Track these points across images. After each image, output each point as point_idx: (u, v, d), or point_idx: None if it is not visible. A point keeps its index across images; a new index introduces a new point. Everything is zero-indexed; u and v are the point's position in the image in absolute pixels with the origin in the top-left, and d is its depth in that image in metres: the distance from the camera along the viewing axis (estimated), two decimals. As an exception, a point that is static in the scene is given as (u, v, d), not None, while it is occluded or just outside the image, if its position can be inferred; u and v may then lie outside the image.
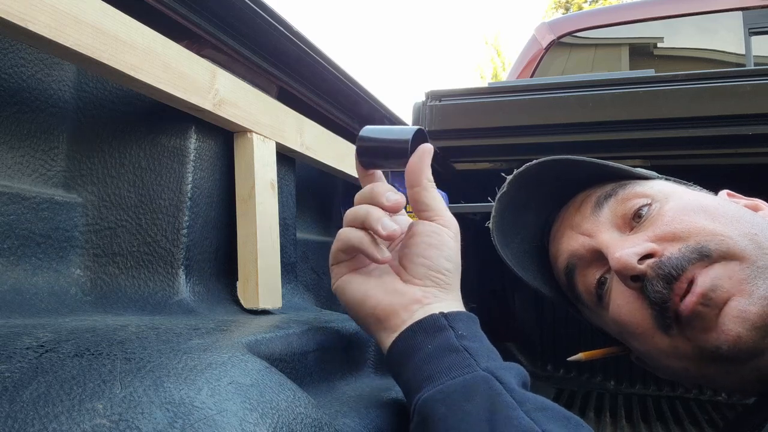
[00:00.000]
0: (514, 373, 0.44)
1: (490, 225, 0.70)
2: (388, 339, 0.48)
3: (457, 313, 0.48)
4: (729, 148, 1.03)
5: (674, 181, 0.67)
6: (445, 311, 0.47)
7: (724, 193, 0.66)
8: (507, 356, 1.41)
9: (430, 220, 0.51)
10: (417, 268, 0.49)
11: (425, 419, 0.42)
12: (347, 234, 0.50)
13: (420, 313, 0.47)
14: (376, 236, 0.48)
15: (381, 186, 0.50)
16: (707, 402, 1.14)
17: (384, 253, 0.48)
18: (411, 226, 0.51)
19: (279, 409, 0.32)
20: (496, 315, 1.45)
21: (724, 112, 0.99)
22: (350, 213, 0.50)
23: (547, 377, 1.33)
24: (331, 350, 0.53)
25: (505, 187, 0.70)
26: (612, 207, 0.64)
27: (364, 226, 0.49)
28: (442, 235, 0.50)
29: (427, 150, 0.50)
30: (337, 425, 0.41)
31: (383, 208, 0.48)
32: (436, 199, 0.51)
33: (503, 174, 0.72)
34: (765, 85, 0.97)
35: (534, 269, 0.73)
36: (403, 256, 0.51)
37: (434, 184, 0.51)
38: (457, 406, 0.40)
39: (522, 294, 1.44)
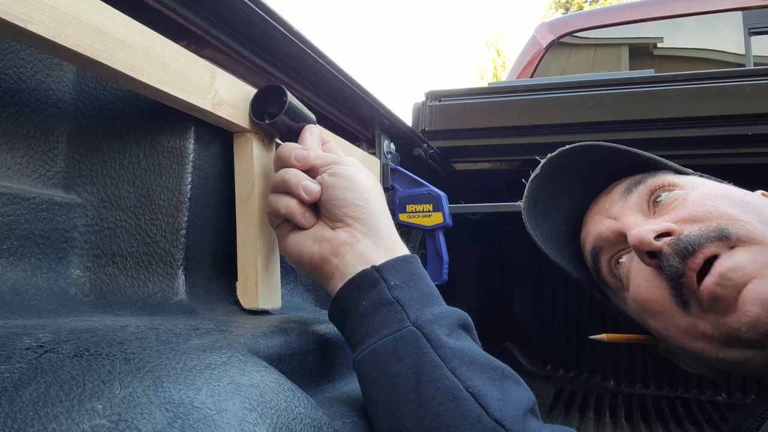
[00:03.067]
0: (445, 322, 0.45)
1: (522, 204, 0.72)
2: (330, 288, 0.50)
3: (390, 262, 0.48)
4: (729, 148, 1.03)
5: (709, 177, 0.68)
6: (378, 263, 0.47)
7: (759, 192, 0.67)
8: (507, 356, 1.41)
9: (321, 174, 0.52)
10: (332, 212, 0.50)
11: (361, 379, 0.45)
12: (275, 202, 0.52)
13: (350, 256, 0.48)
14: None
15: (288, 146, 0.53)
16: (707, 402, 1.14)
17: (309, 219, 0.51)
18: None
19: (278, 409, 0.32)
20: (496, 315, 1.44)
21: (724, 112, 0.99)
22: (274, 180, 0.53)
23: (547, 377, 1.33)
24: (331, 350, 0.53)
25: (539, 170, 0.72)
26: (640, 193, 0.66)
27: (289, 193, 0.51)
28: (336, 174, 0.51)
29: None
30: (337, 425, 0.42)
31: (297, 167, 0.52)
32: (332, 152, 0.54)
33: (538, 158, 0.72)
34: (765, 85, 0.97)
35: (564, 252, 0.74)
36: (322, 212, 0.52)
37: (309, 144, 0.54)
38: (387, 368, 0.43)
39: (521, 294, 1.44)
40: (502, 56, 11.89)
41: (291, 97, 0.55)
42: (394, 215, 0.93)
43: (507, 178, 0.76)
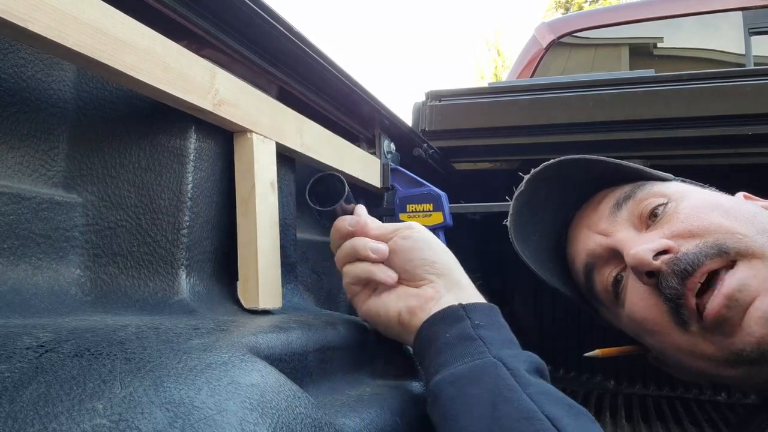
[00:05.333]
0: (524, 359, 0.47)
1: (508, 224, 0.71)
2: (413, 337, 0.53)
3: (476, 305, 0.51)
4: (729, 148, 1.03)
5: (690, 182, 0.67)
6: (464, 303, 0.51)
7: (740, 194, 0.66)
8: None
9: (395, 237, 0.56)
10: (414, 272, 0.54)
11: (436, 399, 0.46)
12: (352, 270, 0.56)
13: (436, 308, 0.52)
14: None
15: (347, 220, 0.57)
16: (707, 402, 1.14)
17: (391, 275, 0.55)
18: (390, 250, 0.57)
19: (279, 409, 0.32)
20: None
21: (724, 112, 0.99)
22: (338, 254, 0.57)
23: (547, 377, 1.33)
24: (331, 350, 0.53)
25: (523, 186, 0.71)
26: (630, 208, 0.65)
27: (359, 258, 0.55)
28: (412, 238, 0.55)
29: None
30: (337, 425, 0.41)
31: (370, 236, 0.56)
32: (382, 227, 0.57)
33: (521, 173, 0.72)
34: (765, 85, 0.97)
35: (551, 268, 0.73)
36: (400, 273, 0.56)
37: (369, 221, 0.57)
38: (465, 389, 0.44)
39: (522, 294, 1.44)
40: (502, 56, 11.88)
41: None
42: (395, 215, 0.93)
43: (507, 178, 0.76)
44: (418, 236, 0.55)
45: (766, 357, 0.51)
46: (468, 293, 0.53)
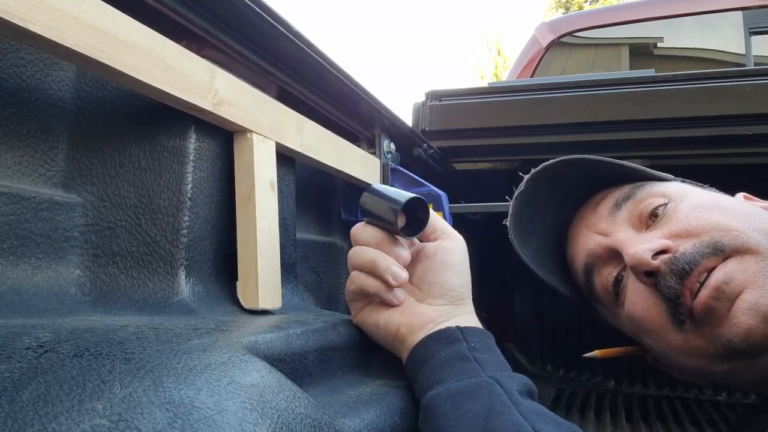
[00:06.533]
0: (517, 381, 0.47)
1: (508, 223, 0.71)
2: (407, 353, 0.52)
3: (472, 328, 0.51)
4: (729, 148, 1.03)
5: (690, 183, 0.68)
6: (461, 325, 0.51)
7: (740, 195, 0.66)
8: (507, 356, 1.40)
9: (438, 240, 0.54)
10: (432, 288, 0.53)
11: (430, 413, 0.46)
12: (361, 281, 0.52)
13: (434, 329, 0.51)
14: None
15: (386, 238, 0.52)
16: (707, 402, 1.14)
17: (399, 297, 0.52)
18: (422, 249, 0.54)
19: (279, 409, 0.32)
20: (496, 315, 1.44)
21: (724, 112, 0.99)
22: (357, 257, 0.52)
23: (547, 377, 1.33)
24: (331, 350, 0.53)
25: (522, 185, 0.71)
26: (629, 208, 0.65)
27: (375, 275, 0.51)
28: (452, 253, 0.54)
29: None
30: (337, 425, 0.41)
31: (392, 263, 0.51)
32: (438, 219, 0.55)
33: (521, 173, 0.72)
34: (765, 85, 0.97)
35: (551, 268, 0.73)
36: (417, 278, 0.54)
37: (429, 208, 0.53)
38: (460, 404, 0.44)
39: (522, 294, 1.44)
40: (502, 56, 11.87)
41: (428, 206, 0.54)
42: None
43: (507, 178, 0.76)
44: (457, 256, 0.53)
45: (755, 350, 0.51)
46: (467, 318, 0.53)
